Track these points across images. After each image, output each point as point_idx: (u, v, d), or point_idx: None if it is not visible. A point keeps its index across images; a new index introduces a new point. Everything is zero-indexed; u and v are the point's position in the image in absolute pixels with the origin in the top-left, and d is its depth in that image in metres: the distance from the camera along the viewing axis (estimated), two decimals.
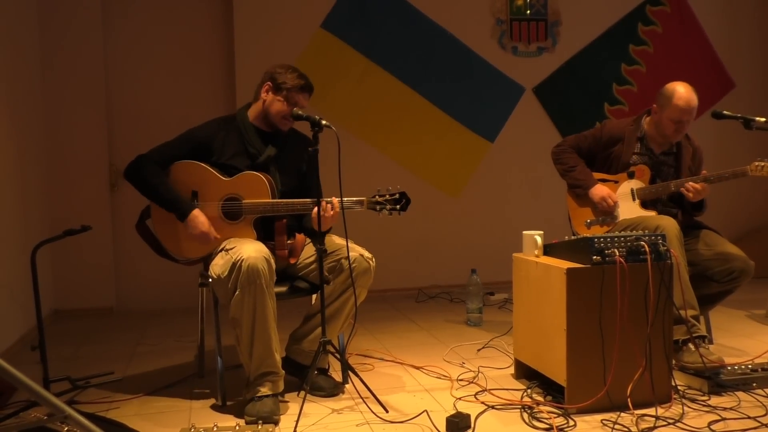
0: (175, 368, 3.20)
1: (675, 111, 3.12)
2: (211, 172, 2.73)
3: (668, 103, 3.14)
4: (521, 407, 2.54)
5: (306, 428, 2.39)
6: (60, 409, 1.45)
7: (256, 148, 2.78)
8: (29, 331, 3.66)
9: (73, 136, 4.39)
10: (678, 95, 3.12)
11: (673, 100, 3.13)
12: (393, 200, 2.72)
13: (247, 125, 2.81)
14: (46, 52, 4.31)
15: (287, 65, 2.82)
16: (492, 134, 5.12)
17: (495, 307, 4.37)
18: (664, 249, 2.53)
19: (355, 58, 4.82)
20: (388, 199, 2.72)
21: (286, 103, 2.76)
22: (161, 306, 4.54)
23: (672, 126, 3.15)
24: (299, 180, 2.90)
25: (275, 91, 2.77)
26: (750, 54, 5.59)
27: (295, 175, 2.88)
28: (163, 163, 2.73)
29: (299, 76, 2.77)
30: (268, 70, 2.83)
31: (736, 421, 2.38)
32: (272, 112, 2.78)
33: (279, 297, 2.65)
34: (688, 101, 3.11)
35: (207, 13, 4.67)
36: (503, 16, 5.10)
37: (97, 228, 4.16)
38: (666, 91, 3.18)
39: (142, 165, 2.71)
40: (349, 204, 2.71)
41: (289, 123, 2.82)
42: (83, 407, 2.60)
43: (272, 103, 2.77)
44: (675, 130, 3.16)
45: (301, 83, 2.77)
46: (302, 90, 2.77)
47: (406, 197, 2.73)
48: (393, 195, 2.73)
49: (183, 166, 2.74)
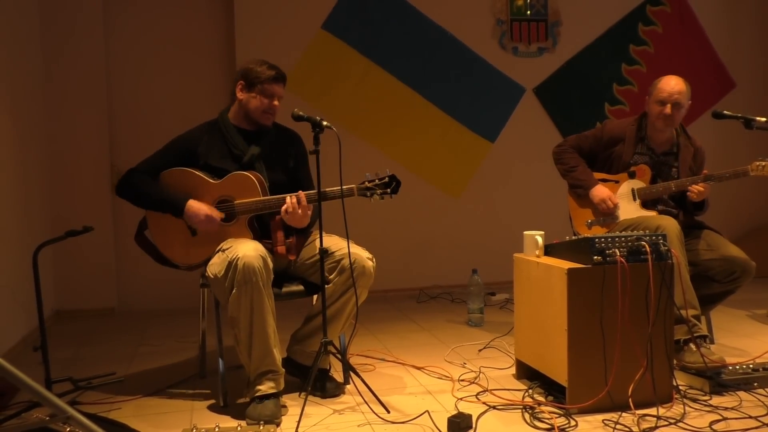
0: (176, 369, 3.20)
1: (659, 92, 3.16)
2: (200, 177, 2.74)
3: (654, 88, 3.21)
4: (523, 407, 2.54)
5: (307, 429, 2.40)
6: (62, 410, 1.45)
7: (239, 149, 2.78)
8: (31, 331, 3.67)
9: (75, 137, 4.40)
10: (663, 80, 3.20)
11: (659, 83, 3.19)
12: (383, 184, 2.68)
13: (228, 127, 2.81)
14: (47, 52, 4.32)
15: (256, 59, 2.82)
16: (493, 135, 5.12)
17: (496, 308, 4.37)
18: (665, 249, 2.53)
19: (355, 58, 4.83)
20: (378, 183, 2.69)
21: (263, 97, 2.76)
22: (163, 306, 4.54)
23: (657, 108, 3.16)
24: (288, 175, 2.89)
25: (249, 88, 2.78)
26: (750, 54, 5.59)
27: (282, 170, 2.87)
28: (152, 172, 2.76)
29: (270, 67, 2.77)
30: (239, 69, 2.85)
31: (738, 420, 2.38)
32: (251, 109, 2.79)
33: (279, 298, 2.66)
34: (671, 83, 3.16)
35: (208, 14, 4.68)
36: (503, 17, 5.10)
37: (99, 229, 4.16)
38: (654, 81, 3.25)
39: (132, 177, 2.74)
40: (338, 193, 2.66)
41: (271, 117, 2.81)
42: (85, 408, 2.61)
43: (249, 100, 2.78)
44: (661, 113, 3.15)
45: (272, 74, 2.77)
46: (275, 80, 2.77)
47: (395, 179, 2.69)
48: (382, 179, 2.69)
49: (172, 174, 2.76)
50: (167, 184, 2.74)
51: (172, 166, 2.76)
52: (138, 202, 2.75)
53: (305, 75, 4.71)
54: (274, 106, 2.80)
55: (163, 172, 2.76)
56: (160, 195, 2.70)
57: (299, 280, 2.85)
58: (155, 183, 2.74)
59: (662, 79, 3.20)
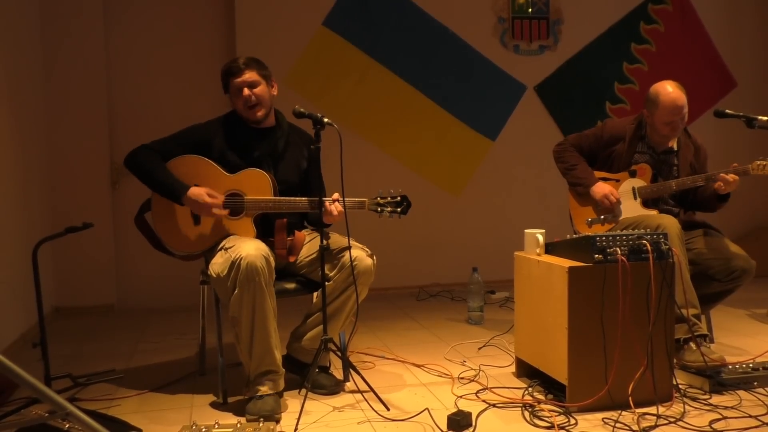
0: (176, 366, 3.20)
1: (663, 114, 3.12)
2: (214, 167, 2.73)
3: (655, 107, 3.15)
4: (522, 405, 2.54)
5: (307, 426, 2.40)
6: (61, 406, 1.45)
7: (251, 146, 2.78)
8: (30, 328, 3.67)
9: (75, 134, 4.39)
10: (663, 97, 3.11)
11: (659, 103, 3.13)
12: (394, 203, 2.73)
13: (241, 123, 2.82)
14: (47, 49, 4.31)
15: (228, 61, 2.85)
16: (493, 133, 5.12)
17: (496, 306, 4.37)
18: (666, 248, 2.53)
19: (356, 55, 4.82)
20: (390, 201, 2.73)
21: (238, 94, 2.76)
22: (162, 304, 4.54)
23: (665, 128, 3.15)
24: (298, 176, 2.90)
25: (226, 91, 2.81)
26: (752, 53, 5.59)
27: (292, 171, 2.87)
28: (163, 153, 2.73)
29: (229, 63, 2.80)
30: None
31: (737, 420, 2.38)
32: (238, 110, 2.80)
33: (279, 295, 2.66)
34: (674, 101, 3.09)
35: (208, 11, 4.67)
36: (505, 15, 5.09)
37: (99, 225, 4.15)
38: (651, 95, 3.18)
39: (142, 151, 2.73)
40: (351, 204, 2.71)
41: (254, 110, 2.77)
42: (84, 404, 2.60)
43: (233, 103, 2.81)
44: (670, 129, 3.15)
45: (227, 68, 2.78)
46: (234, 73, 2.76)
47: (407, 200, 2.74)
48: (394, 198, 2.74)
49: (187, 160, 2.74)
50: (180, 171, 2.71)
51: (184, 152, 2.74)
52: (141, 176, 2.71)
53: (306, 72, 4.70)
54: (249, 97, 2.75)
55: (179, 158, 2.74)
56: (164, 177, 2.68)
57: (300, 277, 2.85)
58: (163, 165, 2.71)
59: (661, 96, 3.11)
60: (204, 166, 2.73)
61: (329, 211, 2.67)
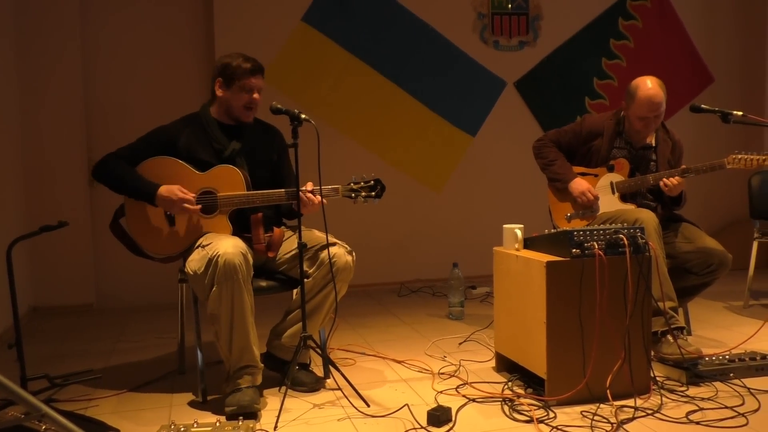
0: (155, 365, 3.17)
1: (639, 108, 3.13)
2: (185, 167, 2.71)
3: (632, 100, 3.16)
4: (502, 400, 2.55)
5: (287, 423, 2.39)
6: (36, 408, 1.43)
7: (220, 143, 2.76)
8: (6, 329, 3.61)
9: (51, 131, 4.33)
10: (641, 92, 3.12)
11: (637, 98, 3.14)
12: (368, 187, 2.73)
13: (210, 121, 2.79)
14: (21, 43, 4.24)
15: (232, 53, 2.79)
16: (473, 128, 5.13)
17: (477, 301, 4.38)
18: (643, 242, 2.55)
19: (336, 51, 4.80)
20: (363, 186, 2.73)
21: (243, 93, 2.74)
22: (141, 302, 4.50)
23: (638, 123, 3.17)
24: (270, 171, 2.89)
25: (227, 84, 2.75)
26: (728, 49, 5.64)
27: (264, 166, 2.87)
28: (131, 158, 2.72)
29: (246, 60, 2.75)
30: (216, 65, 2.81)
31: (714, 411, 2.41)
32: (233, 106, 2.77)
33: (258, 292, 2.65)
34: (651, 98, 3.10)
35: (186, 6, 4.63)
36: (484, 10, 5.10)
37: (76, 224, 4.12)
38: (631, 88, 3.20)
39: (108, 160, 2.70)
40: (325, 192, 2.70)
41: (252, 112, 2.79)
42: (62, 405, 2.57)
43: (229, 97, 2.76)
44: (643, 125, 3.17)
45: (249, 67, 2.74)
46: (253, 73, 2.75)
47: (381, 184, 2.74)
48: (368, 182, 2.74)
49: (157, 162, 2.72)
50: (151, 174, 2.69)
51: (151, 155, 2.72)
52: (113, 185, 2.70)
53: (285, 68, 4.68)
54: (255, 99, 2.77)
55: (148, 160, 2.72)
56: (135, 182, 2.66)
57: (278, 274, 2.84)
58: (131, 169, 2.70)
59: (640, 91, 3.12)
60: (175, 167, 2.71)
61: (306, 200, 2.65)
